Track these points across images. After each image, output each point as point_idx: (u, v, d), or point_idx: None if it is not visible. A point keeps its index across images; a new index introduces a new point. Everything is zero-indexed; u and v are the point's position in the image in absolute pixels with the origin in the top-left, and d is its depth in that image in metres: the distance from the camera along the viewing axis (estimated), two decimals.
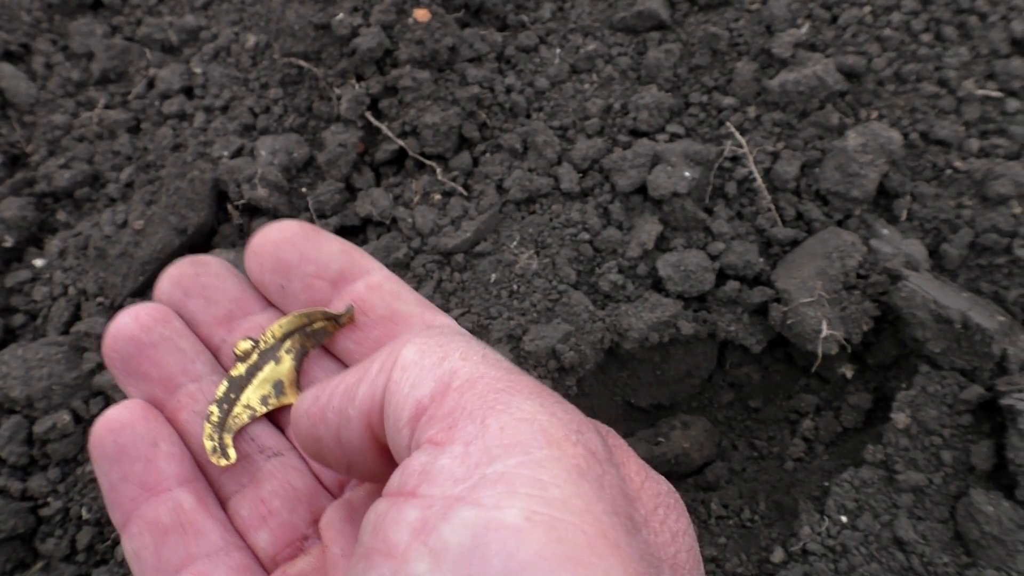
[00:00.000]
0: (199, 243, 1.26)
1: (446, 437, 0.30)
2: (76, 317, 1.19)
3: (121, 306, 1.20)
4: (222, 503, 0.50)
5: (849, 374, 1.17)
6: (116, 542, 1.10)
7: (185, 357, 0.52)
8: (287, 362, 0.51)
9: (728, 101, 1.25)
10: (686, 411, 1.21)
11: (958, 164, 1.24)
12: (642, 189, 1.19)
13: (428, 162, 1.26)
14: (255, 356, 0.52)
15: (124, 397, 1.08)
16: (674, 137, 1.23)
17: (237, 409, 0.50)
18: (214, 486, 0.50)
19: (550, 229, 1.19)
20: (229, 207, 1.26)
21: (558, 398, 0.36)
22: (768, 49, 1.27)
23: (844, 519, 1.05)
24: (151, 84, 1.42)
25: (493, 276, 1.17)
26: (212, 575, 0.43)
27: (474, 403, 0.31)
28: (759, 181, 1.20)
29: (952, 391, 1.07)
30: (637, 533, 0.31)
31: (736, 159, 1.22)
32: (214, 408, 0.49)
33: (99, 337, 1.15)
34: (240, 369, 0.49)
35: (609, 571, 0.28)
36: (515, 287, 1.16)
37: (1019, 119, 1.26)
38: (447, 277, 1.19)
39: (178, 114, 1.37)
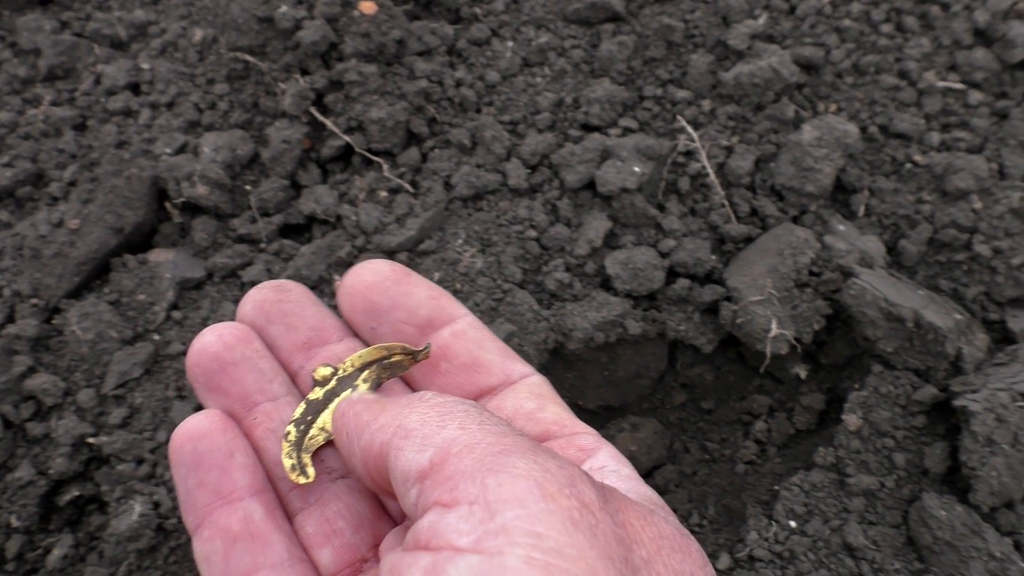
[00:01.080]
0: (137, 243, 1.23)
1: (451, 499, 0.33)
2: (11, 319, 1.16)
3: (56, 308, 1.17)
4: (289, 518, 0.52)
5: (803, 374, 1.14)
6: (47, 550, 1.07)
7: (263, 377, 0.54)
8: (363, 390, 0.53)
9: (682, 94, 1.22)
10: (637, 413, 1.17)
11: (918, 158, 1.20)
12: (591, 185, 1.16)
13: (375, 158, 1.22)
14: (333, 382, 0.54)
15: (62, 404, 1.05)
16: (627, 131, 1.20)
17: (313, 431, 0.52)
18: (282, 502, 0.52)
19: (496, 227, 1.16)
20: (168, 206, 1.23)
21: (552, 454, 0.38)
22: (724, 41, 1.24)
23: (793, 524, 1.02)
24: (98, 80, 1.39)
25: (436, 275, 1.14)
26: None
27: (473, 466, 0.34)
28: (712, 176, 1.17)
29: (905, 392, 1.04)
30: (633, 575, 0.34)
31: (689, 154, 1.19)
32: (292, 428, 0.51)
33: (31, 339, 1.12)
34: (318, 393, 0.51)
35: None
36: (458, 286, 1.13)
37: (982, 112, 1.22)
38: None
39: (123, 111, 1.33)
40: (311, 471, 0.50)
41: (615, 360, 1.13)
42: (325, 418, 0.52)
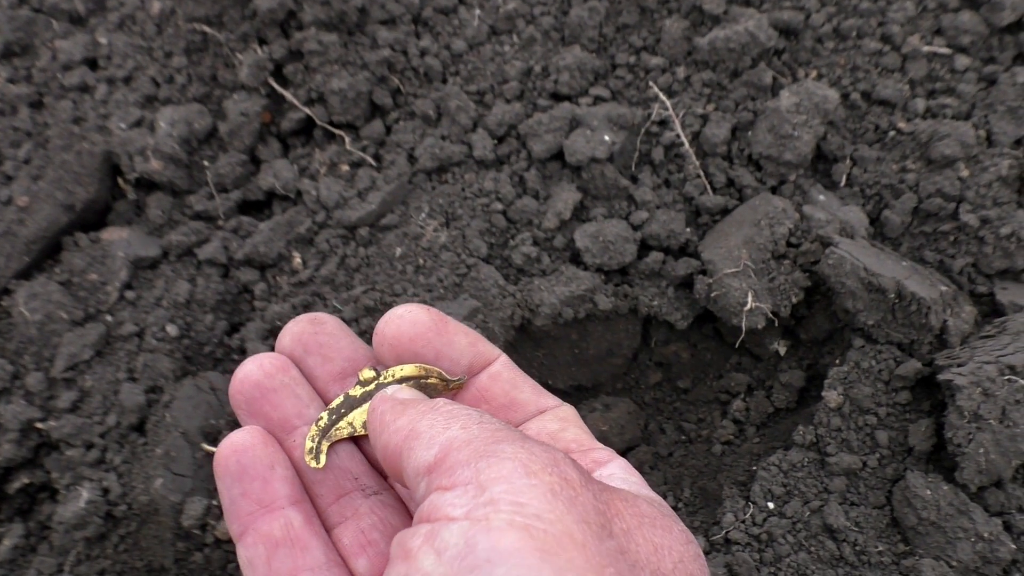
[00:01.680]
0: (91, 221, 1.18)
1: (449, 483, 0.38)
2: None
3: (5, 289, 1.12)
4: (327, 531, 0.55)
5: (781, 351, 1.09)
6: None
7: (301, 402, 0.57)
8: (396, 388, 0.55)
9: (656, 61, 1.17)
10: (610, 393, 1.13)
11: (902, 125, 1.15)
12: (560, 155, 1.11)
13: (337, 131, 1.17)
14: (372, 386, 0.56)
15: (10, 389, 0.99)
16: (598, 100, 1.15)
17: (341, 424, 0.55)
18: (320, 516, 0.55)
19: (461, 199, 1.11)
20: (121, 182, 1.18)
21: (541, 443, 0.42)
22: (699, 6, 1.18)
23: (771, 505, 0.97)
24: (55, 56, 1.34)
25: (399, 250, 1.09)
26: None
27: (469, 455, 0.39)
28: (687, 146, 1.12)
29: (888, 366, 0.99)
30: (608, 539, 0.37)
31: (663, 123, 1.14)
32: (324, 415, 0.54)
33: None
34: (357, 391, 0.54)
35: (572, 560, 0.34)
36: (421, 261, 1.08)
37: (968, 77, 1.17)
38: (351, 252, 1.11)
39: (79, 86, 1.29)
40: (323, 458, 0.53)
41: (586, 337, 1.08)
42: (355, 415, 0.55)
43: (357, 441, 0.58)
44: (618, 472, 0.50)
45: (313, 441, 0.54)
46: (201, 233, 1.15)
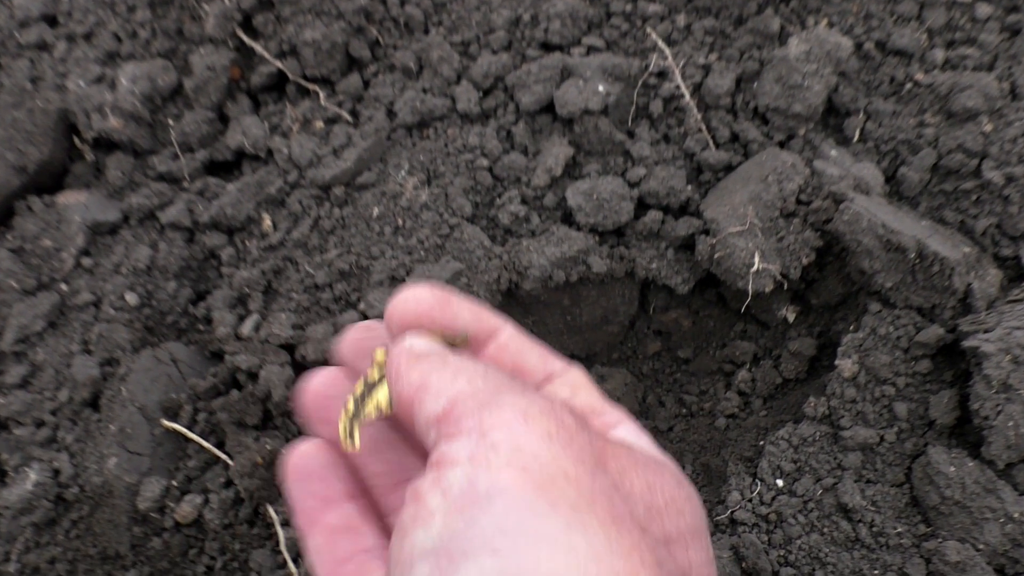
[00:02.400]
0: (45, 183, 1.09)
1: (455, 432, 0.41)
2: None
3: None
4: (381, 519, 0.57)
5: (791, 317, 1.01)
6: None
7: None
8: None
9: (654, 8, 1.08)
10: (606, 363, 1.04)
11: (920, 77, 1.07)
12: (550, 108, 1.03)
13: (310, 86, 1.09)
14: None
15: None
16: (592, 50, 1.06)
17: (368, 407, 0.57)
18: (376, 506, 0.57)
19: (444, 156, 1.02)
20: (77, 141, 1.10)
21: (540, 393, 0.44)
22: None
23: (780, 483, 0.90)
24: (12, 13, 1.25)
25: (376, 210, 1.01)
26: (371, 564, 0.52)
27: (473, 406, 0.42)
28: (688, 98, 1.03)
29: (907, 333, 0.91)
30: (601, 475, 0.39)
31: (662, 74, 1.05)
32: (351, 403, 0.57)
33: None
34: (375, 374, 0.57)
35: (565, 492, 0.37)
36: (400, 222, 1.00)
37: (990, 26, 1.09)
38: (325, 213, 1.03)
39: (37, 44, 1.20)
40: (358, 441, 0.56)
41: (578, 303, 1.00)
42: (378, 396, 0.57)
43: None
44: (627, 435, 0.51)
45: (345, 427, 0.56)
46: (164, 195, 1.07)
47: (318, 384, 0.58)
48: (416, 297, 0.55)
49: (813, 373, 0.99)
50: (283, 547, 0.84)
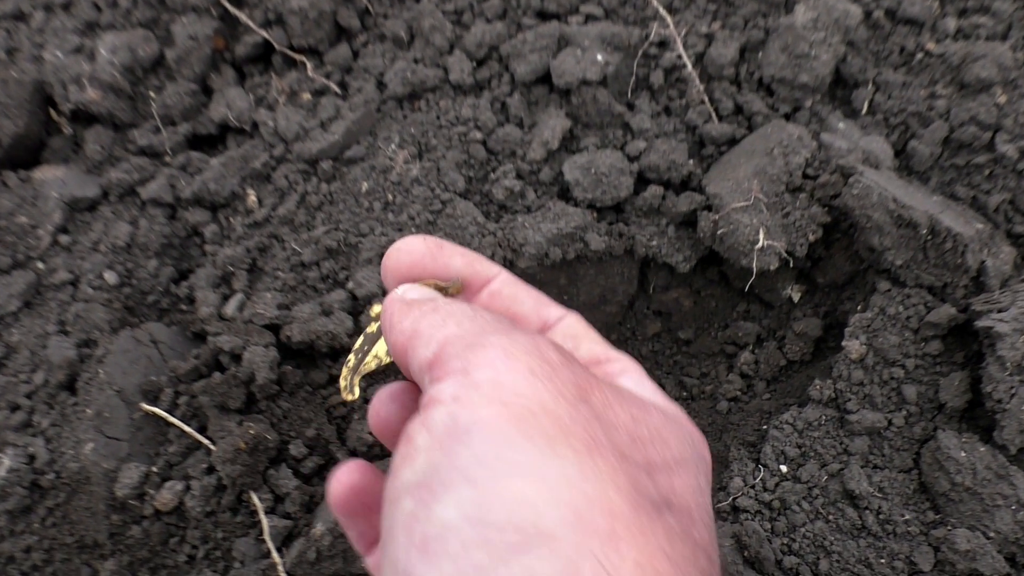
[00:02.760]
0: (21, 158, 1.05)
1: (443, 374, 0.42)
2: None
3: None
4: None
5: (795, 296, 0.97)
6: None
7: None
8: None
9: None
10: None
11: (931, 46, 1.03)
12: (547, 78, 0.98)
13: (297, 56, 1.05)
14: None
15: None
16: (590, 19, 1.02)
17: (368, 358, 0.59)
18: None
19: (436, 128, 0.98)
20: (54, 114, 1.05)
21: (527, 332, 0.44)
22: None
23: (784, 469, 0.86)
24: None
25: (365, 185, 0.97)
26: None
27: (460, 348, 0.43)
28: (690, 68, 0.99)
29: (917, 313, 0.87)
30: (582, 406, 0.40)
31: (663, 43, 1.01)
32: (352, 356, 0.59)
33: None
34: (373, 328, 0.59)
35: (542, 424, 0.38)
36: (391, 197, 0.96)
37: None
38: (313, 189, 0.99)
39: (14, 14, 1.15)
40: (357, 391, 0.60)
41: (576, 281, 0.96)
42: (378, 348, 0.59)
43: None
44: (631, 383, 0.50)
45: (346, 379, 0.60)
46: (145, 170, 1.03)
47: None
48: (409, 248, 0.55)
49: (819, 355, 0.96)
50: (267, 536, 0.80)
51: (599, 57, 0.96)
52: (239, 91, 1.05)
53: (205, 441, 0.85)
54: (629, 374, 0.50)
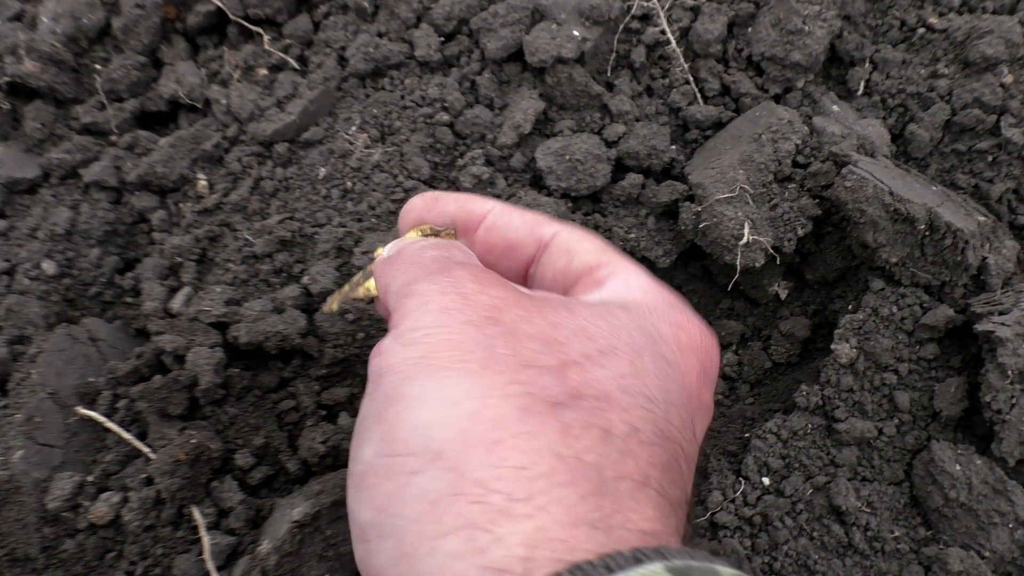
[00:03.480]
0: None
1: (389, 327, 0.45)
2: None
3: None
4: None
5: (783, 294, 0.91)
6: None
7: None
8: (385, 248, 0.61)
9: None
10: None
11: (933, 21, 0.96)
12: (519, 55, 0.91)
13: (254, 28, 0.97)
14: None
15: None
16: None
17: (360, 290, 0.63)
18: None
19: (400, 109, 0.91)
20: None
21: (455, 265, 0.47)
22: None
23: (766, 481, 0.81)
24: None
25: (323, 171, 0.90)
26: None
27: (394, 301, 0.46)
28: (674, 45, 0.92)
29: (912, 314, 0.81)
30: (491, 327, 0.41)
31: (646, 17, 0.93)
32: (347, 285, 0.64)
33: None
34: (371, 268, 0.60)
35: (442, 355, 0.40)
36: (350, 184, 0.89)
37: None
38: (268, 173, 0.92)
39: None
40: (336, 306, 0.64)
41: None
42: (370, 283, 0.62)
43: None
44: (616, 287, 0.50)
45: (334, 299, 0.66)
46: (89, 150, 0.96)
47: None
48: (411, 206, 0.60)
49: (806, 356, 0.90)
50: (207, 555, 0.75)
51: (576, 32, 0.88)
52: (191, 65, 0.98)
53: (145, 449, 0.79)
54: (617, 275, 0.51)
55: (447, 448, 0.37)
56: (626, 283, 0.51)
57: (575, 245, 0.54)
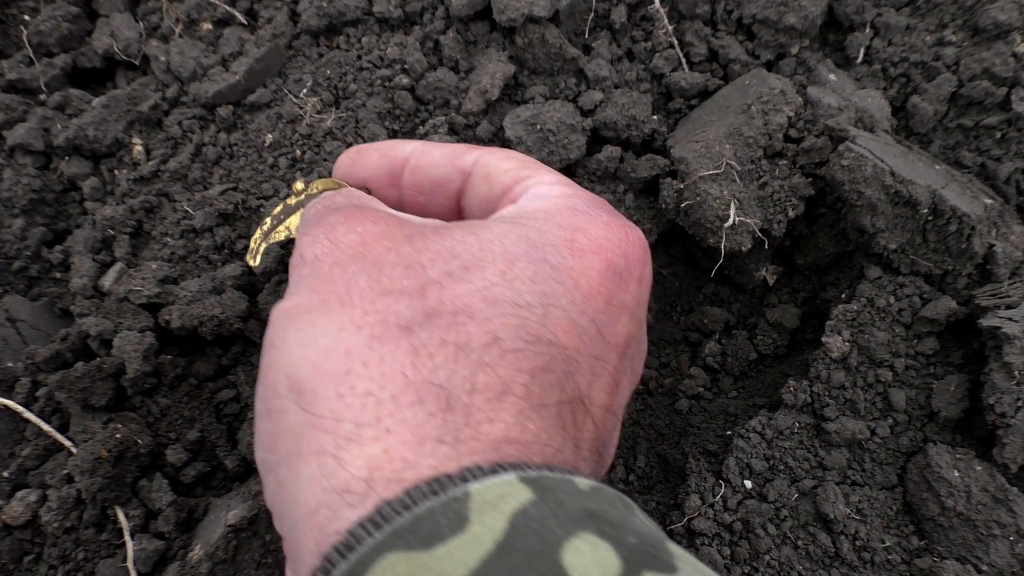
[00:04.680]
0: None
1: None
2: None
3: None
4: None
5: (771, 279, 0.84)
6: None
7: None
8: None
9: None
10: None
11: None
12: (487, 12, 0.83)
13: None
14: (304, 196, 0.62)
15: None
16: None
17: (280, 228, 0.62)
18: None
19: (356, 71, 0.83)
20: None
21: (331, 211, 0.49)
22: None
23: (748, 485, 0.74)
24: None
25: (270, 137, 0.82)
26: None
27: (292, 263, 0.47)
28: (657, 4, 0.84)
29: (911, 305, 0.74)
30: (356, 263, 0.43)
31: None
32: (268, 221, 0.62)
33: None
34: (292, 200, 0.61)
35: (306, 301, 0.42)
36: (299, 153, 0.81)
37: None
38: (210, 139, 0.84)
39: None
40: (260, 259, 0.62)
41: None
42: (291, 220, 0.62)
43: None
44: (526, 199, 0.51)
45: (256, 242, 0.61)
46: (14, 110, 0.87)
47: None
48: (339, 164, 0.61)
49: (794, 348, 0.83)
50: (130, 562, 0.68)
51: None
52: (128, 17, 0.89)
53: (67, 443, 0.72)
54: (529, 190, 0.51)
55: (306, 385, 0.38)
56: (535, 195, 0.51)
57: (493, 168, 0.54)
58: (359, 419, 0.36)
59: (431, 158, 0.57)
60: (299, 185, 0.61)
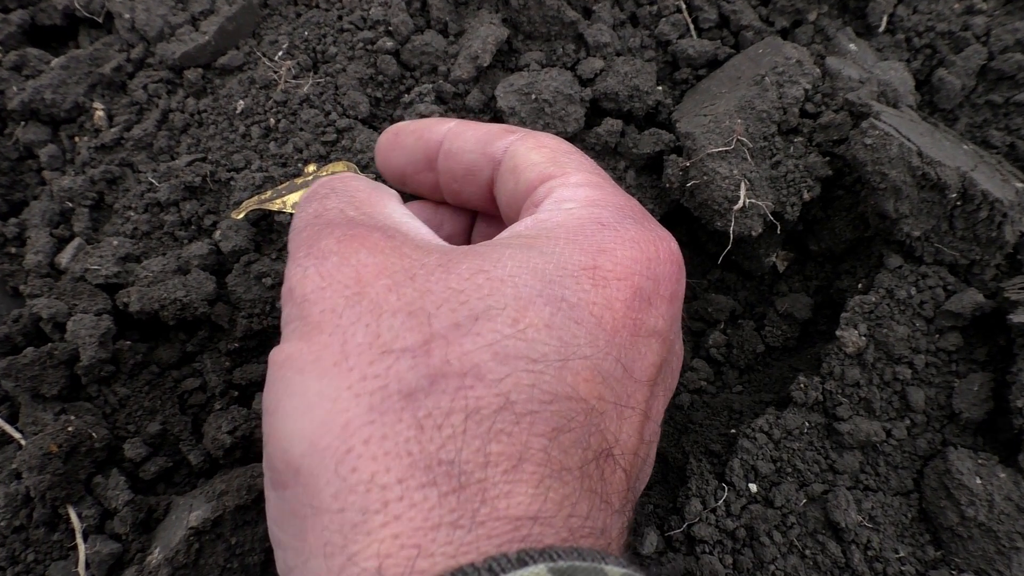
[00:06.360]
0: None
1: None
2: None
3: None
4: None
5: (781, 266, 0.78)
6: None
7: None
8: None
9: None
10: None
11: None
12: None
13: None
14: (311, 177, 0.63)
15: None
16: None
17: (277, 200, 0.63)
18: None
19: (336, 33, 0.77)
20: None
21: (328, 224, 0.45)
22: None
23: (753, 489, 0.69)
24: None
25: (242, 104, 0.75)
26: None
27: (290, 251, 0.46)
28: None
29: (934, 297, 0.68)
30: (355, 307, 0.39)
31: None
32: (270, 191, 0.62)
33: None
34: (299, 181, 0.61)
35: (300, 359, 0.38)
36: (273, 122, 0.75)
37: None
38: (177, 105, 0.77)
39: None
40: (243, 213, 0.62)
41: None
42: (291, 197, 0.62)
43: None
44: (549, 203, 0.47)
45: (247, 203, 0.61)
46: None
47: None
48: (378, 147, 0.58)
49: (805, 341, 0.77)
50: (81, 567, 0.62)
51: None
52: None
53: (16, 435, 0.66)
54: (552, 194, 0.48)
55: (303, 464, 0.36)
56: (558, 202, 0.47)
57: (521, 160, 0.51)
58: (365, 505, 0.34)
59: (463, 142, 0.54)
60: (311, 167, 0.62)
